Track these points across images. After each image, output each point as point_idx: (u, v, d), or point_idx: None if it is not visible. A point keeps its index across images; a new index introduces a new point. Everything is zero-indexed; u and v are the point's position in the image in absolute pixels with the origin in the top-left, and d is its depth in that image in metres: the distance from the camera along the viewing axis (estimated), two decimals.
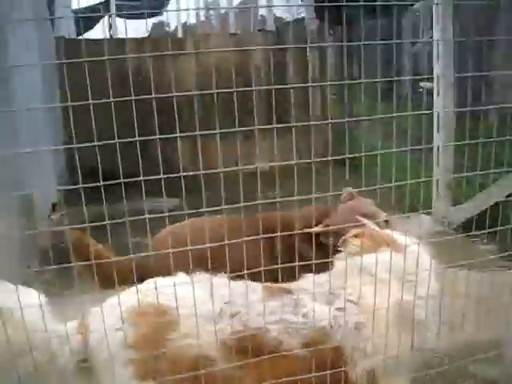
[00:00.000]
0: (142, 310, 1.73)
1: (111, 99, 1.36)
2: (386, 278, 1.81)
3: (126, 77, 2.26)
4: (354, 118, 1.81)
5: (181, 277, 1.88)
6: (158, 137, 1.45)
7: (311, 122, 1.80)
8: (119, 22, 9.28)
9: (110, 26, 9.18)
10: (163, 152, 1.80)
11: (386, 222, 2.71)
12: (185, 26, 9.47)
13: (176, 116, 1.38)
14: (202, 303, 1.71)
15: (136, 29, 9.23)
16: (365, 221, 2.28)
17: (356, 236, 2.10)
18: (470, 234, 4.24)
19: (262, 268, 1.74)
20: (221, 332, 1.72)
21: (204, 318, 1.71)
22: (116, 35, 8.62)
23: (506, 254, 2.38)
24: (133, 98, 1.38)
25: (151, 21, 11.09)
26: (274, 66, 6.97)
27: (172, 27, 10.38)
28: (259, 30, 7.37)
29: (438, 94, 4.78)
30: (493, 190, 4.49)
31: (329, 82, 7.22)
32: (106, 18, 8.88)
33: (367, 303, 1.76)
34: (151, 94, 1.38)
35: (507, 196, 4.29)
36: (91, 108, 1.34)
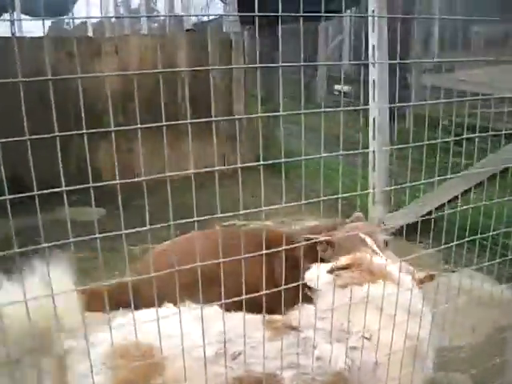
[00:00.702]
0: (123, 350, 1.49)
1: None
2: (391, 312, 1.67)
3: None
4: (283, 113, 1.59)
5: (168, 308, 1.65)
6: (79, 132, 1.18)
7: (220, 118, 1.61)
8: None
9: (13, 23, 8.56)
10: (83, 157, 1.52)
11: (386, 243, 2.63)
12: (96, 25, 9.00)
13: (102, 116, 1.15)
14: (194, 341, 1.47)
15: (39, 27, 8.66)
16: (366, 238, 2.15)
17: (349, 266, 1.94)
18: (420, 239, 4.32)
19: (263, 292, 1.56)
20: (218, 377, 1.50)
21: (196, 359, 1.47)
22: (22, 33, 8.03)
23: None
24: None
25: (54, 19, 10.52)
26: (198, 67, 6.72)
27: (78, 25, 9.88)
28: (187, 30, 7.10)
29: (374, 99, 4.76)
30: (431, 196, 4.54)
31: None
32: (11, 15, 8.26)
33: (380, 340, 1.61)
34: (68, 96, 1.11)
35: (449, 201, 4.35)
36: None
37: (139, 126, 1.23)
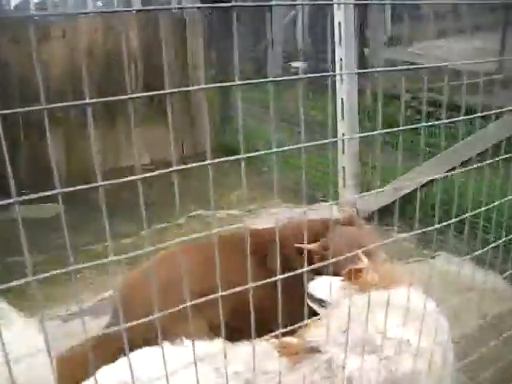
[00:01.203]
0: None
1: None
2: (418, 316, 1.48)
3: None
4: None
5: (165, 348, 1.41)
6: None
7: None
8: None
9: None
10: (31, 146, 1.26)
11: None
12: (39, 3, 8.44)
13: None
14: None
15: None
16: (364, 259, 1.93)
17: (361, 270, 1.75)
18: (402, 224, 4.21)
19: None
20: None
21: None
22: None
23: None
24: None
25: None
26: (150, 50, 6.36)
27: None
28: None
29: (342, 81, 4.57)
30: (404, 180, 4.41)
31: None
32: None
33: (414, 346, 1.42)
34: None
35: (422, 186, 4.23)
36: None
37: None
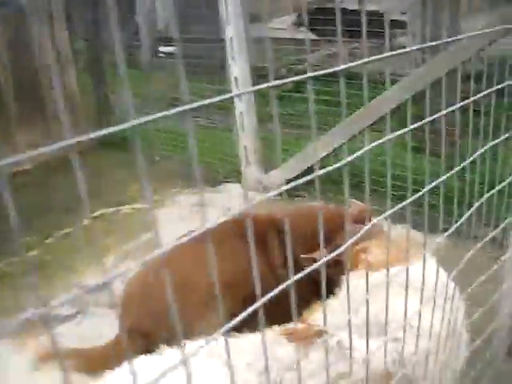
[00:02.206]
0: None
1: None
2: (430, 294, 1.47)
3: None
4: None
5: (168, 354, 1.31)
6: None
7: None
8: None
9: None
10: None
11: None
12: None
13: None
14: None
15: None
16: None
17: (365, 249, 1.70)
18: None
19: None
20: None
21: None
22: None
23: None
24: None
25: None
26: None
27: None
28: None
29: (233, 58, 4.49)
30: (308, 152, 4.46)
31: None
32: None
33: (424, 327, 1.40)
34: None
35: (324, 157, 4.30)
36: None
37: None
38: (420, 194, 0.88)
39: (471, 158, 1.03)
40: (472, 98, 1.02)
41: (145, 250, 3.95)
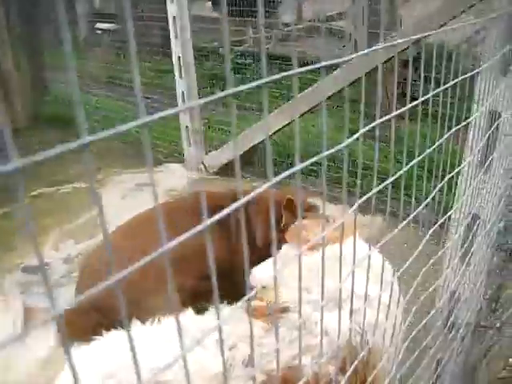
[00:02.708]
0: None
1: None
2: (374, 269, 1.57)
3: None
4: None
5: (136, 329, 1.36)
6: None
7: None
8: None
9: None
10: None
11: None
12: None
13: None
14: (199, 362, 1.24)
15: None
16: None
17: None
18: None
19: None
20: None
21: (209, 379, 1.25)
22: None
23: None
24: None
25: None
26: None
27: None
28: None
29: (176, 37, 4.48)
30: (247, 135, 4.53)
31: None
32: None
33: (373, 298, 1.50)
34: None
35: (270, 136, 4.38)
36: None
37: None
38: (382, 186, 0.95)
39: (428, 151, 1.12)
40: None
41: (86, 230, 3.93)
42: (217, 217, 0.51)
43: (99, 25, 9.22)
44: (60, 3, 0.38)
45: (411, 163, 0.97)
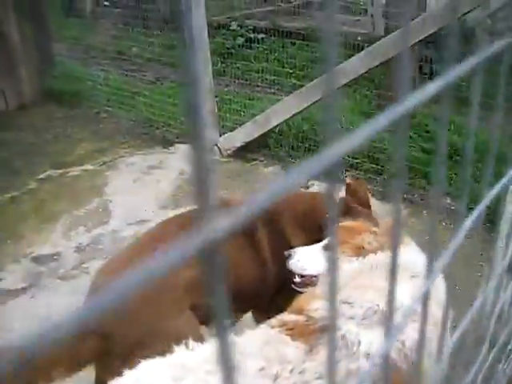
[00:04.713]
0: None
1: None
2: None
3: None
4: None
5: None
6: None
7: None
8: None
9: None
10: None
11: None
12: None
13: None
14: None
15: None
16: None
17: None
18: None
19: None
20: None
21: None
22: None
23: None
24: None
25: None
26: None
27: None
28: None
29: (189, 11, 4.26)
30: (266, 116, 4.34)
31: None
32: None
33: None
34: None
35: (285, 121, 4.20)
36: None
37: None
38: None
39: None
40: None
41: (96, 216, 3.78)
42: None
43: None
44: None
45: None
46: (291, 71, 5.71)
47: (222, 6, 8.18)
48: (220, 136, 4.67)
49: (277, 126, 4.25)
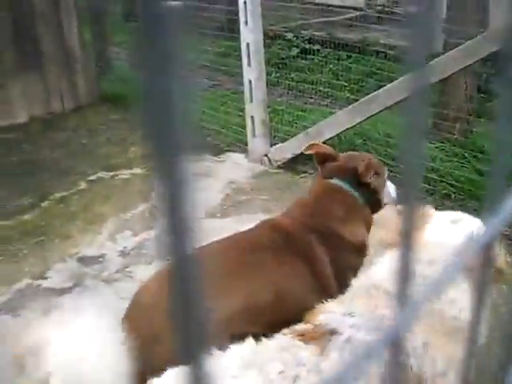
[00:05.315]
0: None
1: None
2: None
3: None
4: None
5: None
6: None
7: None
8: None
9: None
10: None
11: None
12: None
13: None
14: None
15: None
16: None
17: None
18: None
19: None
20: None
21: None
22: None
23: None
24: None
25: None
26: None
27: None
28: None
29: (247, 23, 4.25)
30: (318, 129, 4.28)
31: None
32: None
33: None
34: None
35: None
36: None
37: None
38: None
39: None
40: None
41: (143, 221, 3.79)
42: None
43: (169, 2, 9.05)
44: None
45: None
46: (345, 84, 5.64)
47: (279, 16, 8.16)
48: (271, 146, 4.64)
49: (329, 139, 4.18)
